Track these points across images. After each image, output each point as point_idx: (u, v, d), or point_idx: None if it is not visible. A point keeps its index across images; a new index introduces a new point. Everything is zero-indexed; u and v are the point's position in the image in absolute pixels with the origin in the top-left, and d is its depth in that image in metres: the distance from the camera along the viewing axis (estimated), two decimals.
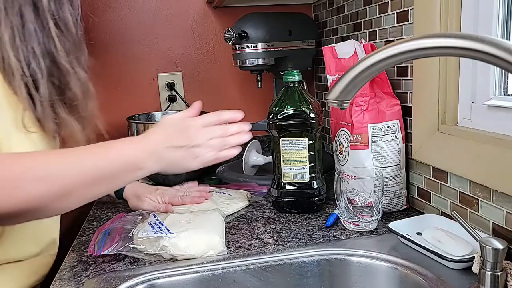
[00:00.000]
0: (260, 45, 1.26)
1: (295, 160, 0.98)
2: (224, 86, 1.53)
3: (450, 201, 0.86)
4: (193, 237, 0.81)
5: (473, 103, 0.84)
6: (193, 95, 1.51)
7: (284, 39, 1.31)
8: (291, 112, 0.98)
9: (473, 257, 0.66)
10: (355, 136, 0.96)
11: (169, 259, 0.80)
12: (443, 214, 0.88)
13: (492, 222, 0.76)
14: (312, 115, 0.98)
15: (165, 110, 1.48)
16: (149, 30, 1.46)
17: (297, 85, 1.00)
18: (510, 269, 0.61)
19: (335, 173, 0.92)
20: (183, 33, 1.49)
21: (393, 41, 1.02)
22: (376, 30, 1.09)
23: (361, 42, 1.01)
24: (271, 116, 1.00)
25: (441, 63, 0.86)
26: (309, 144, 0.98)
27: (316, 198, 1.00)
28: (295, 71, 1.00)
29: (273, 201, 1.04)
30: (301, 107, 0.98)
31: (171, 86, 1.48)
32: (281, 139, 0.99)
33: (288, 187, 1.00)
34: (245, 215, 1.02)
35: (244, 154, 1.28)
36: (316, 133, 0.99)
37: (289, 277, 0.79)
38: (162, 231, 0.82)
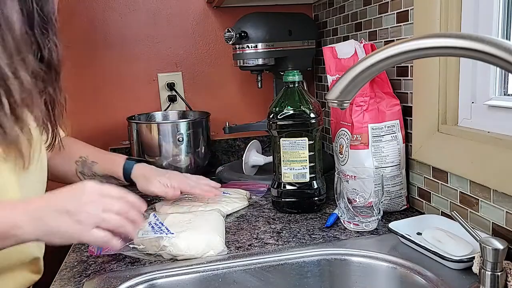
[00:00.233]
0: (260, 45, 1.26)
1: (295, 160, 0.98)
2: (224, 86, 1.53)
3: (450, 201, 0.86)
4: (193, 237, 0.81)
5: (473, 103, 0.84)
6: (193, 95, 1.51)
7: (284, 39, 1.31)
8: (291, 112, 0.98)
9: (473, 257, 0.66)
10: (355, 136, 0.96)
11: (169, 259, 0.80)
12: (443, 214, 0.88)
13: (492, 222, 0.76)
14: (312, 115, 0.98)
15: (165, 110, 1.48)
16: (149, 30, 1.46)
17: (297, 85, 1.00)
18: (510, 269, 0.61)
19: (335, 173, 0.92)
20: (183, 33, 1.49)
21: (393, 41, 1.02)
22: (376, 30, 1.09)
23: (361, 42, 1.01)
24: (271, 116, 1.00)
25: (441, 63, 0.86)
26: (309, 144, 0.98)
27: (316, 198, 1.00)
28: (295, 71, 1.00)
29: (273, 201, 1.04)
30: (301, 107, 0.98)
31: (171, 86, 1.48)
32: (281, 139, 0.99)
33: (288, 187, 1.00)
34: (245, 215, 1.02)
35: (244, 154, 1.28)
36: (316, 133, 0.99)
37: (289, 277, 0.79)
38: (162, 231, 0.82)
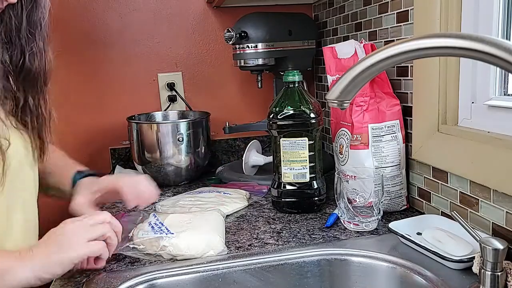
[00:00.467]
0: (260, 45, 1.26)
1: (295, 160, 0.98)
2: (224, 86, 1.53)
3: (450, 201, 0.86)
4: (193, 237, 0.81)
5: (473, 103, 0.84)
6: (193, 95, 1.51)
7: (284, 39, 1.31)
8: (291, 112, 0.98)
9: (473, 257, 0.66)
10: (355, 136, 0.96)
11: (169, 259, 0.80)
12: (443, 214, 0.88)
13: (492, 222, 0.76)
14: (312, 115, 0.98)
15: (165, 110, 1.48)
16: (149, 30, 1.46)
17: (297, 85, 1.00)
18: (510, 269, 0.61)
19: (335, 173, 0.92)
20: (183, 33, 1.49)
21: (393, 41, 1.02)
22: (376, 30, 1.09)
23: (361, 42, 1.01)
24: (271, 116, 1.00)
25: (441, 63, 0.86)
26: (309, 144, 0.98)
27: (316, 198, 1.00)
28: (295, 71, 1.00)
29: (273, 201, 1.04)
30: (301, 107, 0.98)
31: (171, 86, 1.48)
32: (281, 139, 0.99)
33: (288, 187, 1.00)
34: (245, 215, 1.02)
35: (244, 154, 1.28)
36: (316, 133, 0.99)
37: (289, 277, 0.79)
38: (162, 231, 0.82)
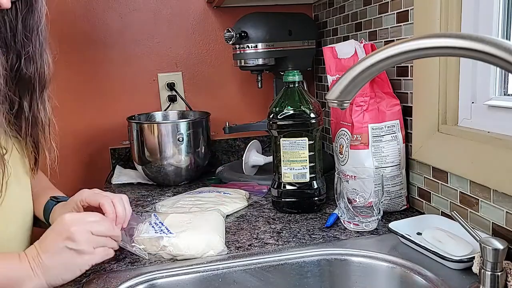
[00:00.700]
0: (260, 45, 1.26)
1: (295, 160, 0.98)
2: (224, 86, 1.53)
3: (450, 201, 0.86)
4: (193, 237, 0.81)
5: (473, 103, 0.84)
6: (193, 95, 1.51)
7: (284, 39, 1.31)
8: (291, 112, 0.98)
9: (473, 257, 0.66)
10: (355, 136, 0.96)
11: (169, 259, 0.80)
12: (443, 214, 0.88)
13: (492, 222, 0.76)
14: (312, 115, 0.98)
15: (165, 110, 1.48)
16: (149, 30, 1.46)
17: (297, 85, 1.00)
18: (510, 269, 0.61)
19: (335, 173, 0.92)
20: (183, 33, 1.49)
21: (393, 41, 1.02)
22: (376, 30, 1.09)
23: (361, 42, 1.01)
24: (271, 116, 1.00)
25: (441, 63, 0.86)
26: (309, 144, 0.98)
27: (316, 198, 1.00)
28: (295, 71, 1.00)
29: (273, 201, 1.04)
30: (301, 107, 0.98)
31: (171, 86, 1.48)
32: (281, 139, 0.99)
33: (288, 187, 1.00)
34: (245, 215, 1.02)
35: (244, 154, 1.28)
36: (316, 133, 0.99)
37: (289, 277, 0.79)
38: (162, 231, 0.82)
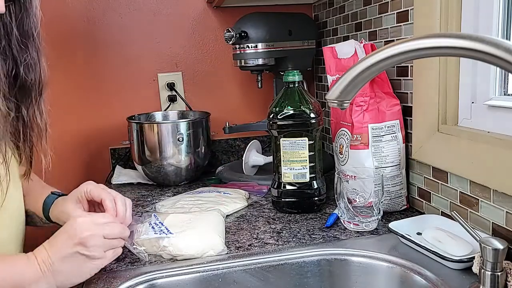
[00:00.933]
0: (260, 45, 1.26)
1: (295, 160, 0.98)
2: (224, 86, 1.53)
3: (450, 201, 0.86)
4: (193, 237, 0.81)
5: (473, 103, 0.84)
6: (193, 95, 1.51)
7: (284, 39, 1.31)
8: (291, 112, 0.98)
9: (473, 257, 0.66)
10: (355, 136, 0.96)
11: (169, 259, 0.80)
12: (443, 214, 0.88)
13: (492, 222, 0.76)
14: (312, 115, 0.98)
15: (165, 110, 1.48)
16: (149, 30, 1.46)
17: (297, 85, 1.00)
18: (510, 269, 0.61)
19: (335, 173, 0.92)
20: (183, 33, 1.48)
21: (393, 41, 1.02)
22: (376, 30, 1.09)
23: (361, 42, 1.01)
24: (271, 116, 1.00)
25: (441, 63, 0.86)
26: (309, 144, 0.98)
27: (316, 198, 1.00)
28: (295, 71, 1.00)
29: (273, 201, 1.04)
30: (301, 107, 0.98)
31: (171, 86, 1.48)
32: (281, 139, 0.99)
33: (288, 187, 1.00)
34: (245, 215, 1.02)
35: (244, 154, 1.28)
36: (316, 133, 0.99)
37: (289, 277, 0.79)
38: (162, 231, 0.82)
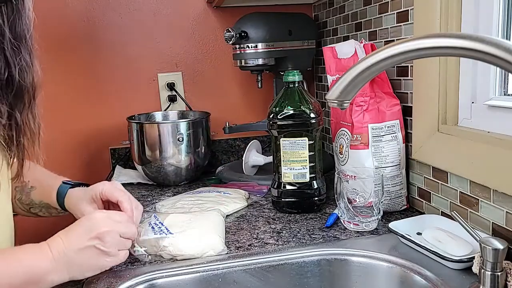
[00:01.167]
0: (260, 45, 1.26)
1: (295, 160, 0.98)
2: (224, 86, 1.53)
3: (450, 201, 0.86)
4: (193, 237, 0.81)
5: (473, 103, 0.84)
6: (193, 95, 1.51)
7: (284, 39, 1.31)
8: (291, 112, 0.98)
9: (473, 257, 0.66)
10: (355, 136, 0.96)
11: (169, 259, 0.80)
12: (443, 214, 0.88)
13: (492, 222, 0.76)
14: (312, 115, 0.98)
15: (165, 110, 1.48)
16: (149, 30, 1.46)
17: (297, 85, 1.00)
18: (510, 269, 0.61)
19: (335, 173, 0.92)
20: (183, 33, 1.48)
21: (393, 41, 1.02)
22: (376, 30, 1.09)
23: (361, 42, 1.01)
24: (271, 116, 1.00)
25: (441, 63, 0.86)
26: (309, 144, 0.98)
27: (316, 198, 1.00)
28: (295, 71, 1.00)
29: (273, 201, 1.04)
30: (301, 107, 0.98)
31: (171, 86, 1.48)
32: (281, 139, 0.99)
33: (288, 187, 1.00)
34: (245, 215, 1.02)
35: (244, 154, 1.28)
36: (316, 133, 0.99)
37: (289, 277, 0.79)
38: (162, 231, 0.82)
